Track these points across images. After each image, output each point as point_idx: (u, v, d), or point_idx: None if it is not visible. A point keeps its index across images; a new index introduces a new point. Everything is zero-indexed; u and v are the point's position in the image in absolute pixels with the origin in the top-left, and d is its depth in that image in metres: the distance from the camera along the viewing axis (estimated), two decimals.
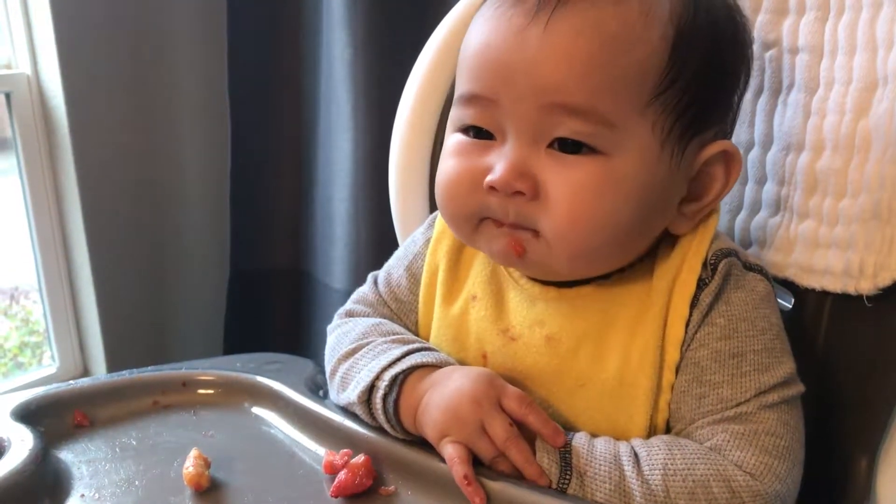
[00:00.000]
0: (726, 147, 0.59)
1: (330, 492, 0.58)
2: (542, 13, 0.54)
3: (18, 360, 1.60)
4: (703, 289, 0.58)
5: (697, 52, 0.56)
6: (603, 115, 0.54)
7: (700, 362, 0.58)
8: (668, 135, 0.56)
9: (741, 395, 0.57)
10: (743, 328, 0.58)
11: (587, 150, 0.55)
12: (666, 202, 0.58)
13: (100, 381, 0.71)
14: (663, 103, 0.55)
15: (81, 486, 0.60)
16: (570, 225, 0.56)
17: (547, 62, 0.54)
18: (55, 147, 1.36)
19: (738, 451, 0.55)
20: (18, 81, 1.32)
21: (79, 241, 1.40)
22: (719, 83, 0.59)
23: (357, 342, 0.66)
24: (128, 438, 0.66)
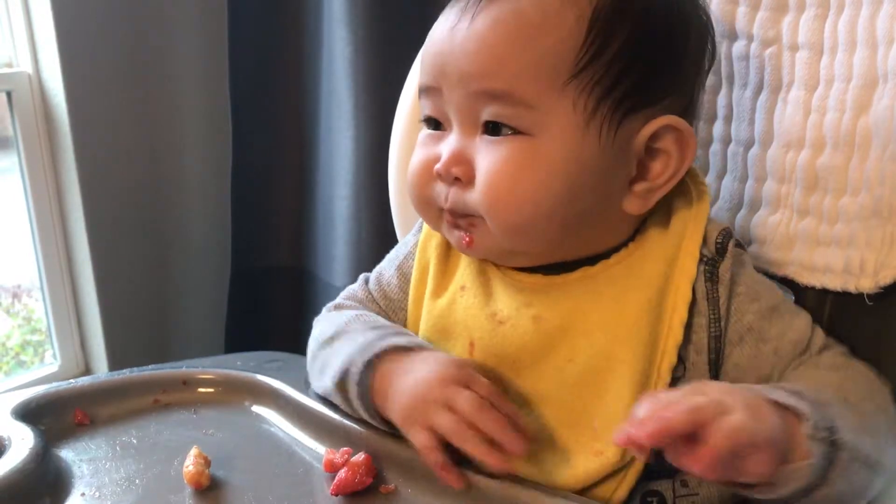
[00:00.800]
0: (669, 122, 0.58)
1: (330, 490, 0.58)
2: (470, 8, 0.58)
3: (20, 359, 1.61)
4: (717, 265, 0.60)
5: (622, 28, 0.57)
6: (521, 97, 0.57)
7: (753, 326, 0.60)
8: (593, 112, 0.57)
9: (804, 332, 0.62)
10: (762, 289, 0.62)
11: (511, 132, 0.58)
12: (602, 180, 0.59)
13: (100, 380, 0.71)
14: (582, 82, 0.56)
15: (82, 485, 0.60)
16: (491, 201, 0.58)
17: (470, 52, 0.58)
18: (56, 146, 1.36)
19: (846, 371, 0.60)
20: (20, 80, 1.32)
21: (80, 239, 1.40)
22: (655, 56, 0.59)
23: (337, 330, 0.67)
24: (128, 437, 0.66)
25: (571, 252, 0.62)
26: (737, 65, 0.69)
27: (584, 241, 0.61)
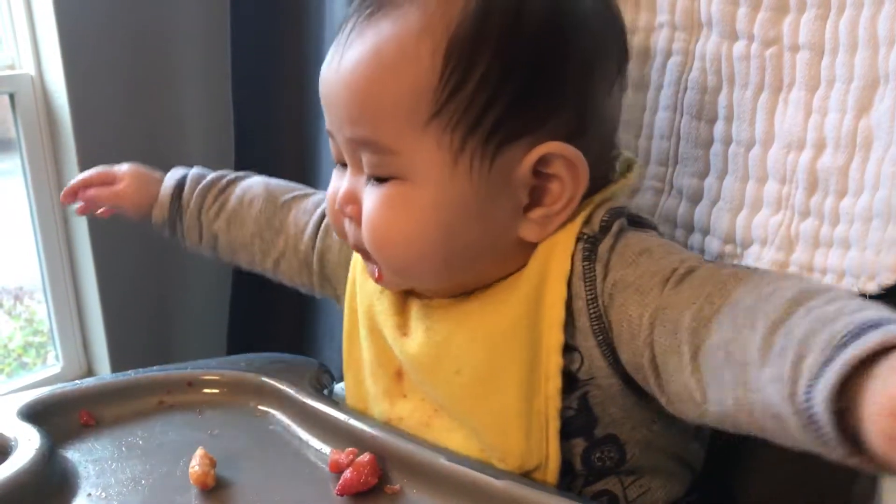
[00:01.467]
0: (550, 150, 0.56)
1: (335, 490, 0.58)
2: (342, 45, 0.57)
3: (23, 360, 1.61)
4: (598, 244, 0.57)
5: (482, 56, 0.54)
6: (384, 143, 0.56)
7: (614, 279, 0.56)
8: (460, 150, 0.55)
9: (672, 263, 0.55)
10: (633, 240, 0.57)
11: (389, 178, 0.57)
12: (482, 215, 0.57)
13: (105, 381, 0.71)
14: (444, 119, 0.54)
15: (88, 486, 0.60)
16: (371, 243, 0.59)
17: (338, 97, 0.57)
18: (59, 147, 1.36)
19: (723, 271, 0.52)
20: (22, 82, 1.32)
21: (82, 241, 1.40)
22: (526, 81, 0.55)
23: None
24: (134, 438, 0.66)
25: (470, 283, 0.60)
26: (737, 65, 0.69)
27: (479, 273, 0.60)
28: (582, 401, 0.59)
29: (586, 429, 0.59)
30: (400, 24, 0.55)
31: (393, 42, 0.55)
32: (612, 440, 0.60)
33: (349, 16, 0.58)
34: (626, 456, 0.60)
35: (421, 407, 0.63)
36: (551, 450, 0.58)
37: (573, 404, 0.59)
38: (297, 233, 0.77)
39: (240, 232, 0.80)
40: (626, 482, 0.61)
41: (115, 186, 0.82)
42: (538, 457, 0.58)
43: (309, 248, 0.76)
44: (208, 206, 0.81)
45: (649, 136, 0.76)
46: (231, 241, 0.81)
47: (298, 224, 0.77)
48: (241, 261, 0.83)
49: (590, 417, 0.59)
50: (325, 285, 0.77)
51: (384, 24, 0.55)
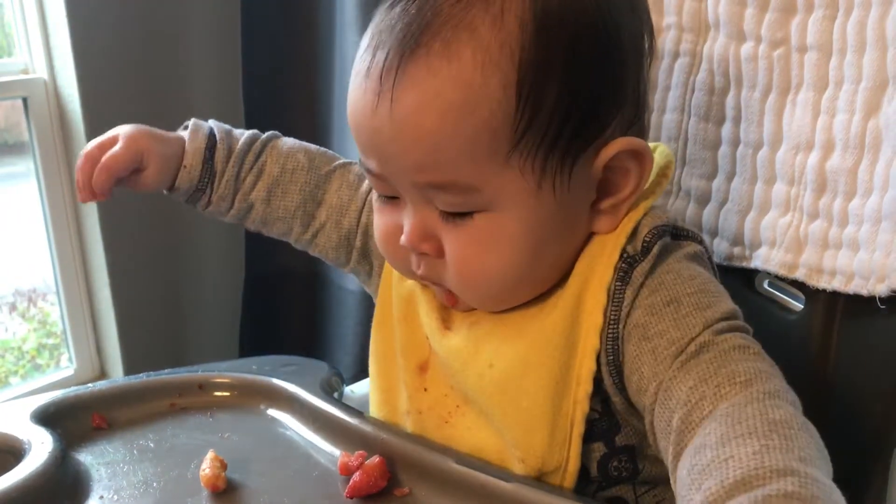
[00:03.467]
0: (620, 147, 0.56)
1: (345, 493, 0.58)
2: (386, 90, 0.54)
3: (36, 362, 1.62)
4: (636, 266, 0.57)
5: (553, 78, 0.53)
6: (465, 183, 0.54)
7: (639, 322, 0.56)
8: (542, 173, 0.55)
9: (690, 331, 0.54)
10: (669, 279, 0.57)
11: (471, 212, 0.56)
12: (566, 225, 0.57)
13: (117, 384, 0.72)
14: (525, 148, 0.54)
15: (100, 488, 0.61)
16: (463, 282, 0.58)
17: (400, 144, 0.55)
18: (72, 151, 1.38)
19: (722, 370, 0.51)
20: (35, 86, 1.34)
21: (95, 243, 1.41)
22: (594, 90, 0.55)
23: None
24: (145, 440, 0.67)
25: (554, 282, 0.60)
26: (745, 66, 0.69)
27: (562, 272, 0.60)
28: (605, 405, 0.59)
29: (608, 434, 0.59)
30: (455, 60, 0.52)
31: (454, 81, 0.52)
32: (630, 451, 0.60)
33: (376, 47, 0.55)
34: (639, 468, 0.60)
35: (442, 402, 0.63)
36: (572, 453, 0.58)
37: (598, 406, 0.59)
38: (340, 206, 0.74)
39: (282, 203, 0.75)
40: (639, 491, 0.61)
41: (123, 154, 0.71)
42: (559, 459, 0.58)
43: (353, 222, 0.74)
44: (245, 173, 0.75)
45: (657, 137, 0.76)
46: (270, 212, 0.76)
47: (342, 197, 0.75)
48: (274, 231, 0.78)
49: (612, 423, 0.59)
50: (363, 261, 0.75)
51: (436, 63, 0.52)
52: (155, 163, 0.72)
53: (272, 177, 0.75)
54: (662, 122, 0.75)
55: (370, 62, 0.55)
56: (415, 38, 0.53)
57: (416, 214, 0.58)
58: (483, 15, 0.52)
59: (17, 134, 1.46)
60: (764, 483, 0.42)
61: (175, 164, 0.73)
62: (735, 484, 0.43)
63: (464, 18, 0.52)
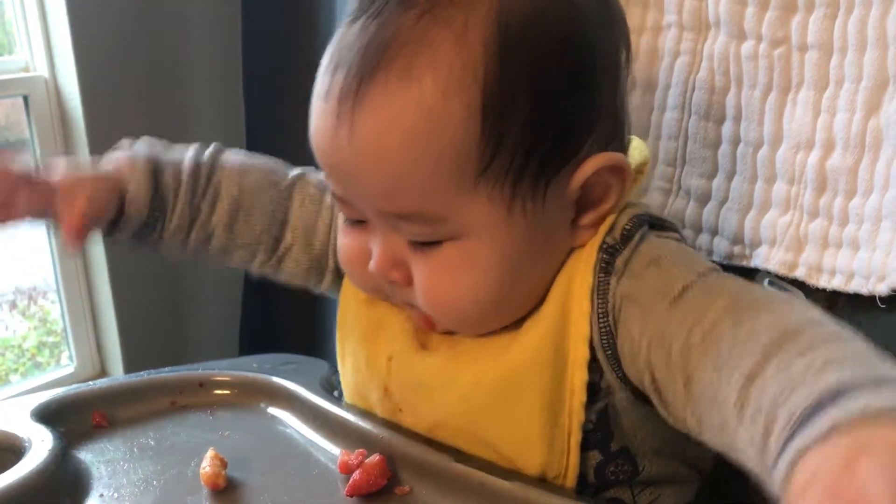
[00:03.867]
0: (597, 165, 0.53)
1: (345, 491, 0.58)
2: (345, 114, 0.51)
3: (37, 360, 1.62)
4: (617, 255, 0.55)
5: (521, 99, 0.50)
6: (431, 214, 0.52)
7: (623, 292, 0.54)
8: (511, 198, 0.52)
9: (676, 281, 0.52)
10: (645, 248, 0.55)
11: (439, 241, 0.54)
12: (542, 246, 0.55)
13: (118, 382, 0.72)
14: (492, 174, 0.51)
15: (101, 486, 0.61)
16: (435, 308, 0.56)
17: (362, 172, 0.52)
18: (72, 149, 1.38)
19: (717, 293, 0.50)
20: (36, 84, 1.34)
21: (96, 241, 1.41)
22: (566, 108, 0.52)
23: None
24: (146, 439, 0.67)
25: (535, 303, 0.58)
26: (745, 65, 0.69)
27: (540, 291, 0.58)
28: (601, 414, 0.58)
29: (603, 442, 0.58)
30: (415, 83, 0.49)
31: (417, 106, 0.49)
32: (625, 453, 0.59)
33: (336, 66, 0.52)
34: (639, 468, 0.60)
35: (416, 425, 0.62)
36: (571, 461, 0.57)
37: (592, 417, 0.57)
38: (307, 225, 0.69)
39: (245, 227, 0.69)
40: (636, 491, 0.61)
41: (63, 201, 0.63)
42: (558, 468, 0.57)
43: (324, 242, 0.69)
44: (199, 198, 0.68)
45: (657, 136, 0.76)
46: (232, 238, 0.69)
47: (307, 215, 0.70)
48: (234, 261, 0.71)
49: (606, 432, 0.58)
50: (337, 281, 0.70)
51: (395, 86, 0.50)
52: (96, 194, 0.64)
53: (231, 198, 0.69)
54: (663, 121, 0.75)
55: (329, 83, 0.53)
56: (374, 60, 0.50)
57: (384, 242, 0.56)
58: (444, 34, 0.50)
59: (17, 132, 1.47)
60: None
61: (114, 199, 0.65)
62: None
63: (424, 38, 0.50)
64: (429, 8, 0.50)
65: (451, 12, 0.50)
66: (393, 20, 0.51)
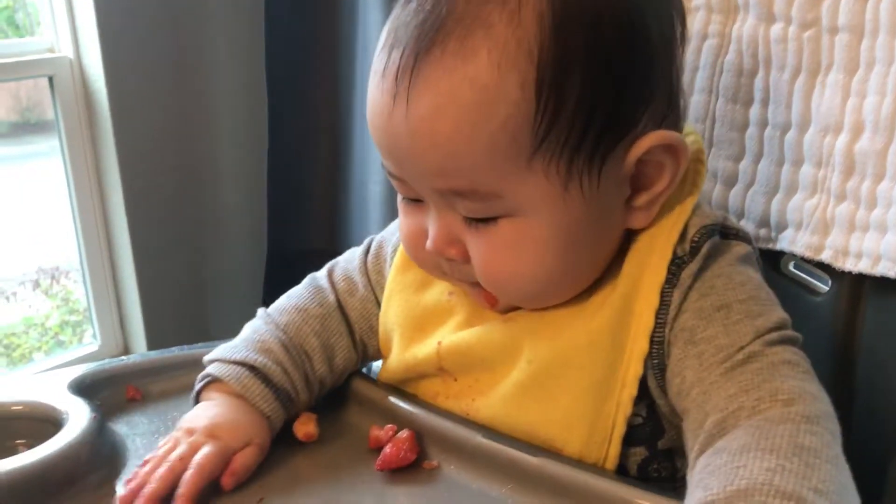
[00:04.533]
0: (652, 142, 0.54)
1: (375, 465, 0.59)
2: (401, 91, 0.52)
3: (59, 339, 1.64)
4: (683, 267, 0.56)
5: (574, 75, 0.50)
6: (486, 190, 0.53)
7: (686, 325, 0.55)
8: (567, 174, 0.52)
9: (740, 339, 0.53)
10: (720, 283, 0.55)
11: (495, 217, 0.54)
12: (598, 224, 0.56)
13: (150, 358, 0.73)
14: (548, 150, 0.51)
15: (136, 458, 0.62)
16: (494, 284, 0.57)
17: (417, 150, 0.53)
18: (96, 129, 1.39)
19: (766, 385, 0.50)
20: (61, 65, 1.35)
21: (120, 221, 1.43)
22: (620, 84, 0.52)
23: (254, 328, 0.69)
24: (178, 412, 0.68)
25: (590, 282, 0.59)
26: (774, 48, 0.69)
27: (599, 270, 0.59)
28: (650, 409, 0.58)
29: (651, 439, 0.59)
30: (472, 60, 0.50)
31: (471, 83, 0.50)
32: (670, 455, 0.60)
33: (392, 45, 0.53)
34: (678, 466, 0.60)
35: (468, 392, 0.63)
36: (611, 453, 0.57)
37: (642, 412, 0.58)
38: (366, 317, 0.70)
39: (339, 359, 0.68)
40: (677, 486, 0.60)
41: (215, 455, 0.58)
42: (596, 458, 0.57)
43: None
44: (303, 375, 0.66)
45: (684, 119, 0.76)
46: (336, 376, 0.69)
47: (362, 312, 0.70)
48: None
49: (656, 428, 0.59)
50: None
51: (451, 62, 0.50)
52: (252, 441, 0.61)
53: (314, 348, 0.67)
54: (690, 104, 0.75)
55: (386, 61, 0.53)
56: (429, 37, 0.51)
57: (440, 219, 0.56)
58: (500, 11, 0.50)
59: (39, 113, 1.48)
60: (765, 500, 0.42)
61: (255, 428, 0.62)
62: (737, 492, 0.43)
63: (479, 15, 0.50)
64: None
65: None
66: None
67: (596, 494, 0.53)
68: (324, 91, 1.37)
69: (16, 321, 1.61)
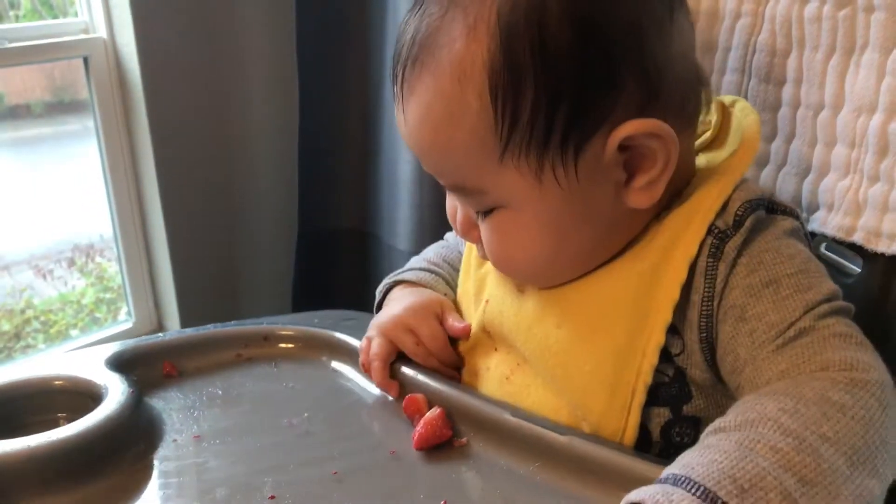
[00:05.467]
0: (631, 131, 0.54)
1: (413, 445, 0.60)
2: (400, 101, 0.58)
3: (95, 316, 1.67)
4: (727, 240, 0.56)
5: (526, 78, 0.52)
6: (471, 186, 0.58)
7: (735, 302, 0.55)
8: (539, 168, 0.55)
9: (791, 315, 0.53)
10: (768, 258, 0.56)
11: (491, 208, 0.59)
12: (586, 210, 0.57)
13: (186, 335, 0.75)
14: (514, 149, 0.55)
15: (173, 432, 0.64)
16: (498, 264, 0.63)
17: (417, 153, 0.60)
18: (130, 109, 1.40)
19: (817, 357, 0.51)
20: (95, 46, 1.36)
21: (153, 199, 1.45)
22: (577, 85, 0.53)
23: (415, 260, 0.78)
24: (214, 388, 0.70)
25: (600, 261, 0.60)
26: (808, 27, 0.68)
27: (606, 250, 0.60)
28: (678, 372, 0.59)
29: (676, 401, 0.59)
30: (437, 75, 0.55)
31: (438, 96, 0.55)
32: (694, 422, 0.60)
33: (397, 56, 0.58)
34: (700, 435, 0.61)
35: (505, 360, 0.65)
36: (631, 421, 0.58)
37: (668, 371, 0.59)
38: None
39: None
40: None
41: None
42: (616, 425, 0.58)
43: None
44: None
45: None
46: None
47: None
48: None
49: (683, 391, 0.59)
50: None
51: (426, 78, 0.55)
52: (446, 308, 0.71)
53: None
54: (722, 83, 0.75)
55: (393, 72, 0.59)
56: (413, 53, 0.56)
57: (462, 207, 0.63)
58: (461, 27, 0.54)
59: (72, 93, 1.50)
60: (764, 432, 0.44)
61: None
62: (745, 422, 0.46)
63: (447, 31, 0.54)
64: (453, 1, 0.55)
65: (468, 3, 0.54)
66: (428, 14, 0.56)
67: (621, 472, 0.54)
68: (354, 70, 1.37)
69: (52, 298, 1.64)
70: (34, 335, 1.59)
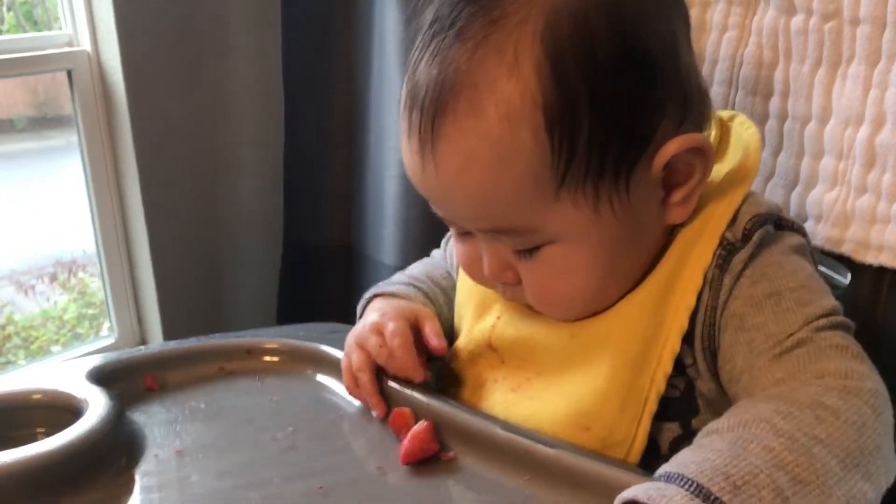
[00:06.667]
0: (677, 148, 0.55)
1: (399, 460, 0.59)
2: (427, 152, 0.55)
3: (76, 332, 1.65)
4: (735, 253, 0.57)
5: (582, 112, 0.52)
6: (522, 226, 0.56)
7: (736, 312, 0.56)
8: (596, 199, 0.55)
9: (790, 326, 0.54)
10: (771, 271, 0.56)
11: (538, 246, 0.57)
12: (634, 234, 0.58)
13: (168, 348, 0.74)
14: (571, 183, 0.54)
15: (154, 447, 0.62)
16: (545, 306, 0.60)
17: (452, 200, 0.57)
18: (114, 123, 1.39)
19: (813, 366, 0.51)
20: (79, 59, 1.35)
21: (137, 215, 1.43)
22: (631, 106, 0.54)
23: None
24: (196, 402, 0.68)
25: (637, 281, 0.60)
26: (795, 39, 0.69)
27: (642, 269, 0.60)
28: (689, 385, 0.59)
29: (685, 416, 0.59)
30: (481, 118, 0.52)
31: (483, 139, 0.53)
32: None
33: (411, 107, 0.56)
34: None
35: (515, 373, 0.64)
36: (641, 430, 0.58)
37: (680, 385, 0.59)
38: None
39: None
40: None
41: None
42: (626, 433, 0.58)
43: None
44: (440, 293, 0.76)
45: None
46: None
47: None
48: None
49: (691, 405, 0.59)
50: None
51: (464, 123, 0.53)
52: None
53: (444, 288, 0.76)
54: None
55: (409, 123, 0.56)
56: (442, 99, 0.53)
57: (490, 251, 0.60)
58: (498, 66, 0.52)
59: (56, 108, 1.49)
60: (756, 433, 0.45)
61: None
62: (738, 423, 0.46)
63: (481, 72, 0.52)
64: (481, 40, 0.53)
65: (501, 41, 0.52)
66: (452, 56, 0.53)
67: (612, 486, 0.53)
68: (340, 86, 1.37)
69: (34, 314, 1.62)
70: (15, 351, 1.57)
